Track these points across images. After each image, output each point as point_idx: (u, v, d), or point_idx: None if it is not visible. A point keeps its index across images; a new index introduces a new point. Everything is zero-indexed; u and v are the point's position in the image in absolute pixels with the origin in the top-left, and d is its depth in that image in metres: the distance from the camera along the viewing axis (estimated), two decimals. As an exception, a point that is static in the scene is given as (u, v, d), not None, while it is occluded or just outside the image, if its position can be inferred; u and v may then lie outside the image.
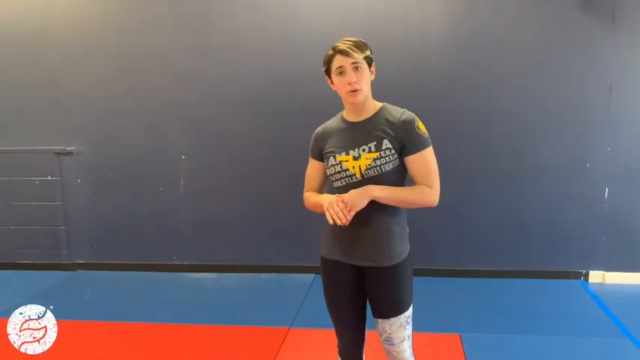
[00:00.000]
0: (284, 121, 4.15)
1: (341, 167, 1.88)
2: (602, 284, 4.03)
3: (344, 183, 1.88)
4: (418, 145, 1.84)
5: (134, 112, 4.33)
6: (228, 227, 4.36)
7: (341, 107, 1.99)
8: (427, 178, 1.86)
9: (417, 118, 1.86)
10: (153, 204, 4.41)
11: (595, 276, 4.07)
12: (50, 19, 4.29)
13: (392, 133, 1.85)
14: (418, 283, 2.03)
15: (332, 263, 1.99)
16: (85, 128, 4.42)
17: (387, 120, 1.88)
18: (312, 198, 1.99)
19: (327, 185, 2.03)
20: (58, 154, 4.44)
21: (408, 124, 1.84)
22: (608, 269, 4.06)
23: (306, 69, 4.00)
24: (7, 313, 3.36)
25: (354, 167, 1.85)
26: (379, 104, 1.93)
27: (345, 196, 1.78)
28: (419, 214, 2.04)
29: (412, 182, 1.89)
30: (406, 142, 1.84)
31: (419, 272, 3.53)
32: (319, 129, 2.02)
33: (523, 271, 4.11)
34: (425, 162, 1.85)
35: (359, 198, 1.77)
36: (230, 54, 4.17)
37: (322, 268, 2.04)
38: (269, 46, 4.13)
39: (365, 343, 2.08)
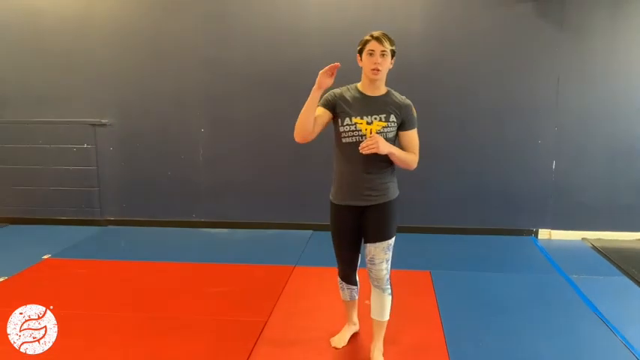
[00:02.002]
0: (289, 101, 4.78)
1: (355, 127, 2.42)
2: (548, 240, 4.87)
3: (354, 140, 2.42)
4: (412, 124, 2.51)
5: (161, 91, 4.99)
6: (240, 190, 5.08)
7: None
8: (414, 148, 2.53)
9: (412, 105, 2.52)
10: (175, 169, 5.11)
11: (543, 233, 4.91)
12: (90, 9, 4.90)
13: (397, 112, 2.46)
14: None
15: (338, 207, 2.57)
16: (118, 104, 5.05)
17: (395, 101, 2.48)
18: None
19: (334, 140, 2.57)
20: (94, 125, 5.08)
21: (409, 109, 2.50)
22: (553, 228, 4.90)
23: (309, 55, 4.72)
24: (58, 255, 4.21)
25: (366, 129, 2.42)
26: (386, 88, 2.52)
27: (372, 137, 2.35)
28: (399, 180, 2.73)
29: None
30: (405, 120, 2.48)
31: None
32: (337, 90, 2.51)
33: (484, 228, 4.92)
34: (414, 137, 2.53)
35: (383, 143, 2.34)
36: (245, 42, 4.83)
37: (331, 209, 2.61)
38: (278, 35, 4.80)
39: (357, 267, 2.73)
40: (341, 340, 2.88)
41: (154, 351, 2.82)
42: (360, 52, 2.44)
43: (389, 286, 2.62)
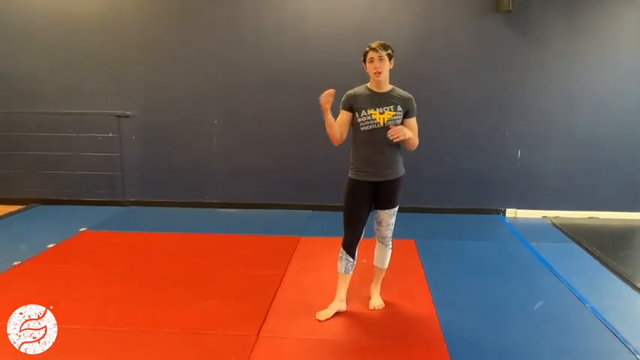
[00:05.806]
0: (292, 98, 5.51)
1: (371, 117, 2.96)
2: (515, 218, 5.66)
3: (370, 127, 2.97)
4: (413, 113, 3.08)
5: (179, 87, 5.62)
6: (249, 175, 5.75)
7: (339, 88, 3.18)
8: (415, 133, 3.09)
9: (413, 98, 3.07)
10: (191, 156, 5.76)
11: (510, 212, 5.69)
12: (116, 15, 5.52)
13: (402, 103, 3.01)
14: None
15: (356, 181, 3.07)
16: (141, 98, 5.68)
17: (399, 95, 3.03)
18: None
19: (352, 130, 3.08)
20: (118, 116, 5.69)
21: (411, 101, 3.06)
22: (519, 208, 5.68)
23: (310, 59, 5.43)
24: (93, 228, 4.73)
25: (379, 118, 2.97)
26: (391, 85, 3.06)
27: (398, 127, 2.93)
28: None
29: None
30: (408, 110, 3.04)
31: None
32: (351, 92, 3.04)
33: (460, 208, 5.68)
34: (415, 123, 3.10)
35: (406, 130, 2.94)
36: (254, 46, 5.49)
37: (350, 184, 3.09)
38: (284, 41, 5.48)
39: (361, 239, 3.16)
40: (326, 314, 3.20)
41: (200, 294, 3.52)
42: (364, 60, 3.02)
43: (390, 243, 3.32)
